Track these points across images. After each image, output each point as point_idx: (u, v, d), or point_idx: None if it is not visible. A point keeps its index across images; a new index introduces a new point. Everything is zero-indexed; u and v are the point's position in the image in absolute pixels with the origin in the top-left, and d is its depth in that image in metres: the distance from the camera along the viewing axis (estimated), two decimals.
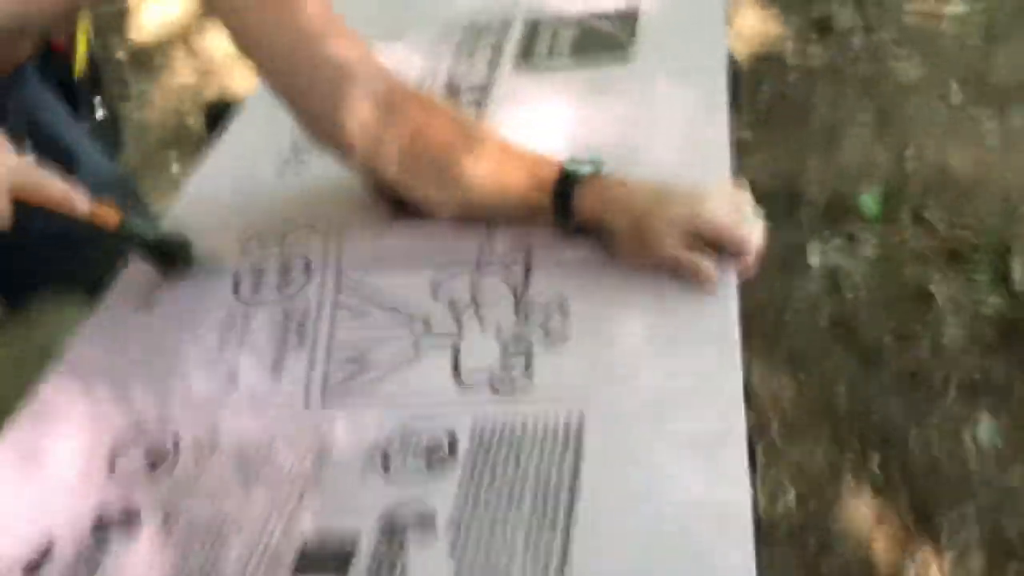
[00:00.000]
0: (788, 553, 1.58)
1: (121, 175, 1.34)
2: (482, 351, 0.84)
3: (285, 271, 0.99)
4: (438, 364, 0.84)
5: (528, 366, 0.82)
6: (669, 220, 0.85)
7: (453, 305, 0.90)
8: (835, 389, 1.82)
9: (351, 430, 0.80)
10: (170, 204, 1.17)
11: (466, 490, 0.72)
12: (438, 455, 0.76)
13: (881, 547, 1.57)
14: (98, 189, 1.04)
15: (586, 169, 0.90)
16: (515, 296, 0.89)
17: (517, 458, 0.74)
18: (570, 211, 0.89)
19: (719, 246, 0.85)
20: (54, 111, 1.21)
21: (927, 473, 1.66)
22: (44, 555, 0.75)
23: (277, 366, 0.89)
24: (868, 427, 1.75)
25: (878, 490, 1.65)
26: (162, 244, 0.99)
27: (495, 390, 0.81)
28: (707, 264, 0.84)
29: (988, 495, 1.61)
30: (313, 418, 0.82)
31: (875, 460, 1.69)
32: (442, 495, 0.72)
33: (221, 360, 0.90)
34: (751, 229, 0.86)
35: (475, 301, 0.90)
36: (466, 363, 0.84)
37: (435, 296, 0.91)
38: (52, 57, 1.24)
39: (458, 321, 0.88)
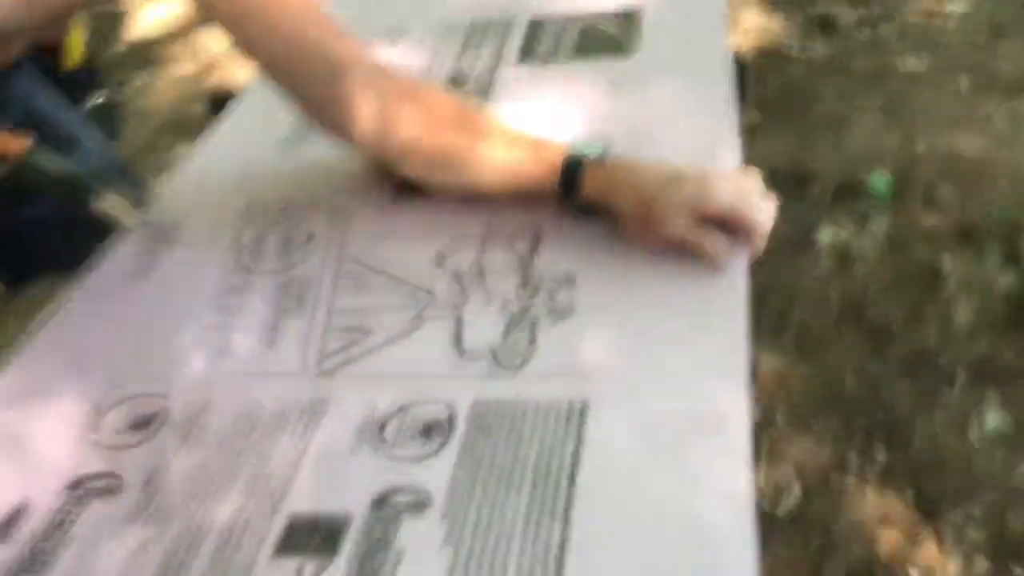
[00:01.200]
0: (792, 548, 1.56)
1: (119, 158, 1.33)
2: (486, 323, 0.83)
3: (287, 242, 0.98)
4: (440, 335, 0.83)
5: (532, 340, 0.80)
6: (677, 202, 0.84)
7: (458, 276, 0.88)
8: (843, 374, 1.81)
9: (347, 401, 0.78)
10: (170, 180, 1.16)
11: (464, 471, 0.70)
12: (436, 433, 0.74)
13: (885, 542, 1.55)
14: (95, 172, 1.04)
15: (593, 151, 0.89)
16: (522, 269, 0.88)
17: (518, 438, 0.72)
18: (577, 193, 0.89)
19: (728, 227, 0.84)
20: (51, 99, 1.21)
21: (933, 467, 1.64)
22: (17, 516, 0.74)
23: (273, 332, 0.87)
24: (875, 417, 1.73)
25: (883, 485, 1.63)
26: (68, 180, 0.96)
27: (497, 363, 0.79)
28: (715, 241, 0.83)
29: (994, 490, 1.59)
30: (308, 386, 0.81)
31: (881, 453, 1.68)
32: (439, 476, 0.70)
33: (215, 325, 0.89)
34: (761, 208, 0.85)
35: (481, 273, 0.88)
36: (469, 335, 0.82)
37: (440, 267, 0.90)
38: (47, 49, 1.24)
39: (463, 292, 0.87)
